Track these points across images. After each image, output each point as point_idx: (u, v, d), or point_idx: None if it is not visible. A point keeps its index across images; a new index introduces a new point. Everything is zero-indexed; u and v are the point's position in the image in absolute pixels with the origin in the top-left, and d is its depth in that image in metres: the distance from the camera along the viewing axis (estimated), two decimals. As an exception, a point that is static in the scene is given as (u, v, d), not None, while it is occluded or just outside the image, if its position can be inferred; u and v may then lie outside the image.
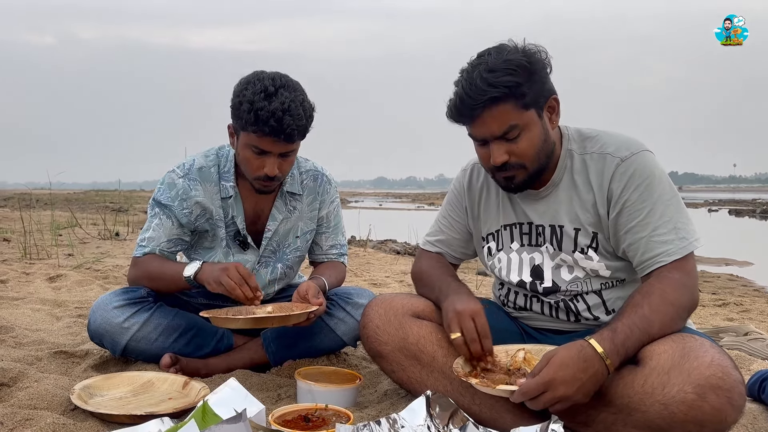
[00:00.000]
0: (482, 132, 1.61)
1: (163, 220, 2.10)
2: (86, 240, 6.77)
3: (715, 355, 1.36)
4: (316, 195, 2.25)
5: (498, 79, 1.54)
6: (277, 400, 1.87)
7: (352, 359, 2.31)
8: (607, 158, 1.64)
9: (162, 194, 2.10)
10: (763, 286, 5.96)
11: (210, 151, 2.17)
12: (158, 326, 2.05)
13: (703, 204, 26.57)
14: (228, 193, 2.11)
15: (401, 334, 1.73)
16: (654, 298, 1.49)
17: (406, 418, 1.47)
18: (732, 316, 3.74)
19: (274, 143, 1.91)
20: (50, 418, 1.55)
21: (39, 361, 2.10)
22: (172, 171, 2.12)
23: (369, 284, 4.44)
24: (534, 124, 1.60)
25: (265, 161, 1.95)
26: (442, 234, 1.93)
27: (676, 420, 1.33)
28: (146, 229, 2.13)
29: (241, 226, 2.15)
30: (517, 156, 1.61)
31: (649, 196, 1.59)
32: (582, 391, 1.38)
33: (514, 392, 1.41)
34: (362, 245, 7.88)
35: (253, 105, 1.86)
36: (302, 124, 1.92)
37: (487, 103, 1.55)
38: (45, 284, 3.88)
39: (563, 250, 1.69)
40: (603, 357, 1.39)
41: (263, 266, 2.23)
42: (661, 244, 1.56)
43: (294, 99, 1.89)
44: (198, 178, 2.09)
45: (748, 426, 1.75)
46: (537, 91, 1.59)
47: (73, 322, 2.75)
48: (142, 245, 2.12)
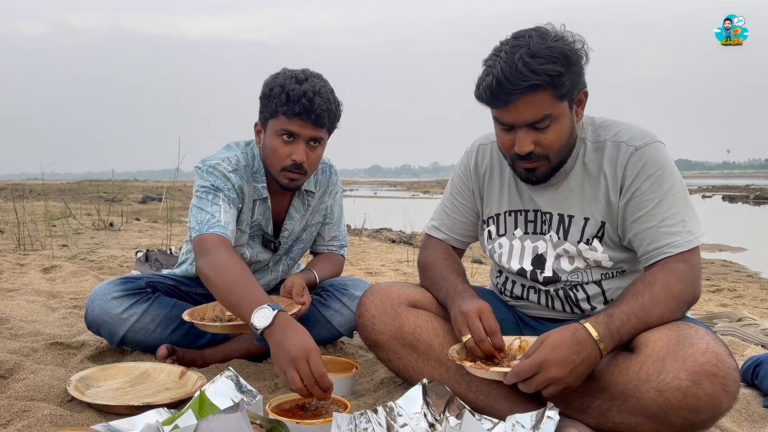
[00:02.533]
0: (513, 118, 1.56)
1: (225, 206, 1.93)
2: (80, 230, 6.75)
3: (710, 342, 1.37)
4: (326, 188, 2.24)
5: (542, 66, 1.48)
6: (274, 389, 1.88)
7: (349, 348, 2.32)
8: (622, 146, 1.62)
9: (220, 182, 1.96)
10: (756, 272, 6.00)
11: (242, 148, 2.08)
12: (156, 317, 2.05)
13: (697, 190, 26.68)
14: (261, 195, 2.07)
15: (397, 323, 1.73)
16: (656, 288, 1.49)
17: (402, 407, 1.48)
18: (726, 302, 3.77)
19: (304, 125, 1.89)
20: (47, 410, 1.55)
21: (35, 353, 2.09)
22: (217, 163, 1.98)
23: (365, 273, 4.45)
24: (565, 117, 1.57)
25: (293, 148, 1.92)
26: (447, 218, 1.91)
27: (671, 406, 1.34)
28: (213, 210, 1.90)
29: (268, 229, 2.13)
30: (543, 147, 1.57)
31: (659, 186, 1.58)
32: (574, 373, 1.38)
33: (506, 374, 1.42)
34: (357, 234, 7.89)
35: (284, 88, 1.88)
36: (332, 109, 1.92)
37: (526, 89, 1.49)
38: (39, 275, 3.87)
39: (568, 240, 1.68)
40: (597, 341, 1.40)
41: (275, 263, 2.23)
42: (669, 235, 1.55)
43: (324, 86, 1.92)
44: (244, 176, 2.03)
45: (742, 411, 1.77)
46: (573, 83, 1.54)
47: (69, 313, 2.74)
48: (219, 224, 1.87)
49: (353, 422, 1.38)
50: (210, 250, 1.81)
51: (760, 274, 5.87)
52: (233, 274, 1.72)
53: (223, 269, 1.75)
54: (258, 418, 1.37)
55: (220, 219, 1.88)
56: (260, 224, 2.11)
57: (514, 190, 1.78)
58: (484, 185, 1.84)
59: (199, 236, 1.86)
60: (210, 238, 1.84)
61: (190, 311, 1.95)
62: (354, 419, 1.39)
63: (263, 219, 2.11)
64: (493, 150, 1.83)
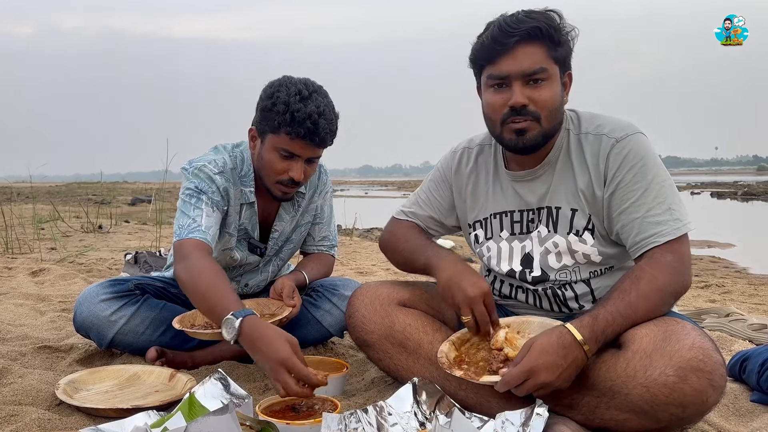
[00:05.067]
0: (511, 67, 1.57)
1: (207, 210, 1.91)
2: (69, 233, 6.70)
3: (696, 337, 1.38)
4: (316, 189, 2.24)
5: (539, 15, 1.57)
6: (264, 390, 1.88)
7: (339, 348, 2.32)
8: (603, 138, 1.63)
9: (204, 185, 1.94)
10: (744, 268, 6.04)
11: (229, 150, 2.06)
12: (145, 319, 2.04)
13: (686, 187, 26.84)
14: (249, 199, 2.06)
15: (387, 322, 1.73)
16: (642, 284, 1.48)
17: (393, 406, 1.48)
18: (714, 298, 3.80)
19: (306, 147, 1.89)
20: (35, 414, 1.54)
21: (23, 357, 2.08)
22: (203, 165, 1.97)
23: (355, 273, 4.45)
24: (556, 82, 1.60)
25: (291, 165, 1.91)
26: (419, 209, 1.92)
27: (658, 402, 1.34)
28: (195, 215, 1.89)
29: (254, 233, 2.12)
30: (537, 104, 1.58)
31: (643, 177, 1.58)
32: (563, 376, 1.40)
33: (497, 382, 1.43)
34: (348, 234, 7.88)
35: (289, 107, 1.84)
36: (334, 130, 1.92)
37: (524, 35, 1.55)
38: (28, 279, 3.84)
39: (558, 232, 1.68)
40: (581, 343, 1.41)
41: (265, 264, 2.23)
42: (656, 224, 1.55)
43: (327, 104, 1.90)
44: (231, 179, 2.02)
45: (729, 405, 1.78)
46: (565, 53, 1.61)
47: (57, 317, 2.73)
48: (199, 228, 1.87)
49: (343, 422, 1.38)
50: (186, 256, 1.80)
51: (748, 270, 5.92)
52: (206, 279, 1.72)
53: (197, 275, 1.74)
54: (248, 420, 1.37)
55: (201, 223, 1.87)
56: (246, 229, 2.11)
57: (498, 190, 1.78)
58: (467, 188, 1.83)
59: (179, 241, 1.85)
60: (188, 243, 1.83)
61: (180, 317, 1.94)
62: (344, 419, 1.39)
63: (249, 224, 2.10)
64: (478, 154, 1.83)
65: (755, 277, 5.32)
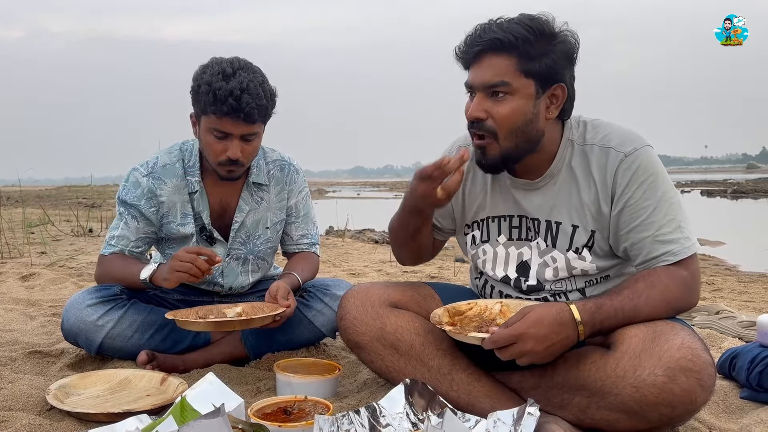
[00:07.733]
0: (475, 77, 1.55)
1: (129, 220, 2.11)
2: (59, 237, 6.66)
3: (685, 337, 1.38)
4: (283, 185, 2.24)
5: (511, 26, 1.51)
6: (257, 393, 1.87)
7: (331, 350, 2.32)
8: (611, 152, 1.57)
9: (127, 193, 2.10)
10: (734, 265, 6.08)
11: (173, 147, 2.16)
12: (133, 323, 2.03)
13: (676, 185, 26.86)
14: (194, 188, 2.11)
15: (378, 324, 1.73)
16: (655, 292, 1.47)
17: (385, 407, 1.48)
18: (704, 296, 3.82)
19: (234, 124, 1.91)
20: (26, 419, 1.54)
21: (13, 362, 2.07)
22: (135, 169, 2.12)
23: (348, 274, 4.44)
24: (525, 97, 1.53)
25: (227, 145, 1.95)
26: None
27: (648, 402, 1.35)
28: (114, 227, 2.14)
29: (207, 221, 2.14)
30: (494, 120, 1.54)
31: (653, 194, 1.54)
32: (549, 350, 1.41)
33: (484, 339, 1.43)
34: (340, 235, 7.86)
35: (211, 86, 1.88)
36: (262, 104, 1.92)
37: (489, 44, 1.51)
38: (18, 283, 3.81)
39: (557, 248, 1.65)
40: (578, 324, 1.41)
41: (234, 258, 2.22)
42: (667, 243, 1.53)
43: (252, 79, 1.91)
44: (162, 176, 2.09)
45: (720, 403, 1.79)
46: (546, 66, 1.51)
47: (48, 321, 2.71)
48: (111, 244, 2.12)
49: (335, 424, 1.38)
50: (100, 263, 2.13)
51: (737, 267, 5.95)
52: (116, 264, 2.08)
53: (110, 266, 2.09)
54: (240, 423, 1.37)
55: (118, 237, 2.11)
56: (201, 216, 2.14)
57: (498, 193, 1.75)
58: (465, 187, 1.80)
59: (101, 255, 2.13)
60: (104, 258, 2.12)
61: (173, 312, 1.94)
62: (336, 421, 1.39)
63: (203, 211, 2.14)
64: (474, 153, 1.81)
65: (745, 275, 5.35)
